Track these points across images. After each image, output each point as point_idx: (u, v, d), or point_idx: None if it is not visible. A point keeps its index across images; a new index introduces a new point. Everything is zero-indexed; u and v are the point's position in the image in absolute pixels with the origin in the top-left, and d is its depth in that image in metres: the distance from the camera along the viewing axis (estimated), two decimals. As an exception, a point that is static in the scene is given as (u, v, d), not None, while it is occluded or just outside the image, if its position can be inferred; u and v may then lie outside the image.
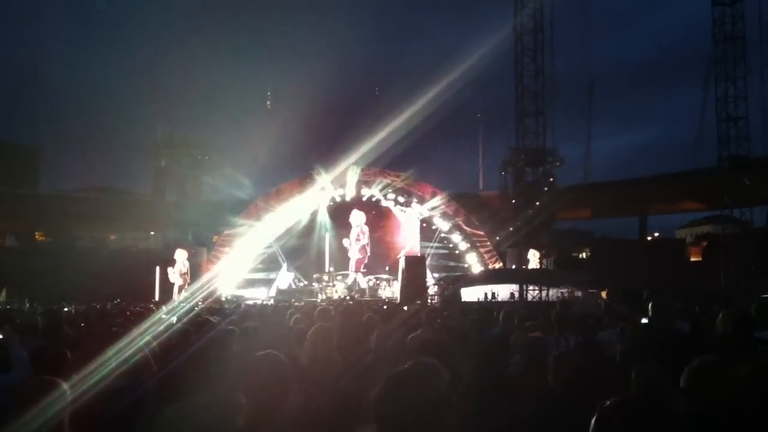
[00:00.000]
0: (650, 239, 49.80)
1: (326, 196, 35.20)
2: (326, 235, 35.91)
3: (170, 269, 32.56)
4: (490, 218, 37.55)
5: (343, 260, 35.64)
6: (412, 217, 37.18)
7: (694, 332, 5.54)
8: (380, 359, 3.94)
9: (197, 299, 22.83)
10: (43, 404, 2.42)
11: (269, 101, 64.55)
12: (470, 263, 36.89)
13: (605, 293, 27.07)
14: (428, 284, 30.09)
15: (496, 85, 40.53)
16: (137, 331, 5.48)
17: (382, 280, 33.71)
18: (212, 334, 4.39)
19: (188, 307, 14.40)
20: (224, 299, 25.46)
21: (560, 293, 27.85)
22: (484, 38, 32.97)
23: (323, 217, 35.83)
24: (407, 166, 36.81)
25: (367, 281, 33.85)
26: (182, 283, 32.84)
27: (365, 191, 35.52)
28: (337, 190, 35.04)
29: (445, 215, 36.64)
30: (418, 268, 29.19)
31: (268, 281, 34.54)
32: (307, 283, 34.52)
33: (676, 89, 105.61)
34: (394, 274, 32.48)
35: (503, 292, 28.94)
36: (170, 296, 30.48)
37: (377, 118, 40.89)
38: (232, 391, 2.62)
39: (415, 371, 1.95)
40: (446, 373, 1.96)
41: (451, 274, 36.07)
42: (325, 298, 30.06)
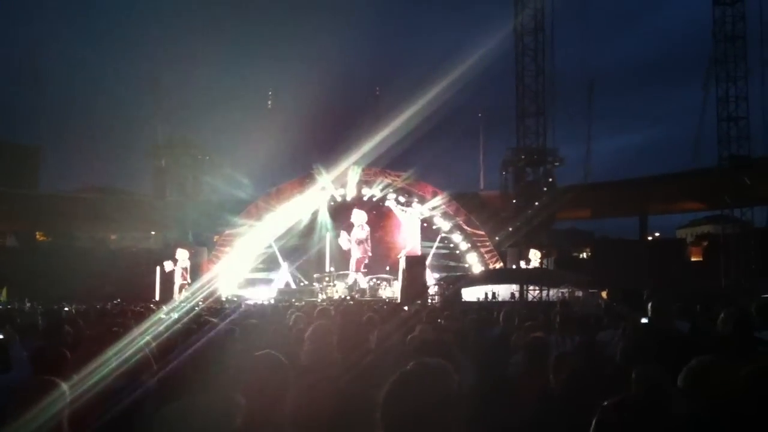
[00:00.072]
0: (651, 239, 49.73)
1: (327, 195, 35.22)
2: (327, 234, 35.92)
3: (169, 262, 32.69)
4: (490, 218, 37.55)
5: (343, 260, 35.64)
6: (412, 217, 37.17)
7: (693, 332, 5.53)
8: (380, 359, 3.94)
9: (198, 299, 22.84)
10: (42, 404, 2.42)
11: (269, 101, 64.62)
12: (471, 263, 36.88)
13: (605, 293, 27.02)
14: (429, 284, 30.08)
15: (496, 85, 40.54)
16: (137, 331, 5.48)
17: (382, 280, 33.71)
18: (212, 334, 4.38)
19: (188, 307, 14.39)
20: (225, 299, 25.45)
21: (560, 293, 27.85)
22: (484, 38, 32.99)
23: (324, 216, 35.83)
24: (408, 165, 36.87)
25: (367, 281, 33.86)
26: (182, 281, 32.92)
27: (366, 191, 35.53)
28: (337, 189, 35.06)
29: (445, 215, 36.63)
30: (418, 268, 29.21)
31: (268, 281, 34.54)
32: (307, 283, 34.52)
33: (676, 89, 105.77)
34: (394, 274, 32.50)
35: (504, 292, 28.95)
36: (171, 296, 30.52)
37: (378, 117, 41.04)
38: (230, 391, 2.62)
39: (423, 372, 1.88)
40: (455, 373, 1.90)
41: (451, 274, 36.06)
42: (325, 298, 30.06)
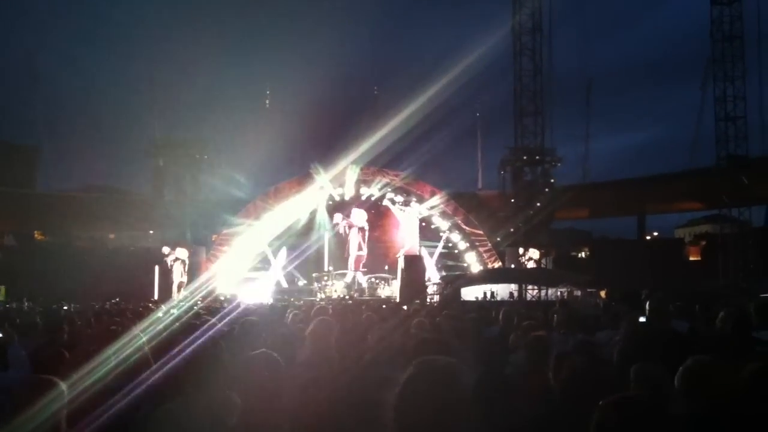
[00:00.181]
0: (649, 239, 49.78)
1: (325, 195, 35.20)
2: (325, 234, 35.91)
3: (170, 258, 32.78)
4: (489, 218, 37.58)
5: (342, 259, 35.63)
6: (411, 216, 37.16)
7: (692, 332, 5.54)
8: (378, 358, 3.93)
9: (196, 298, 22.82)
10: (40, 404, 2.41)
11: (268, 100, 64.58)
12: (469, 262, 36.91)
13: (604, 293, 27.05)
14: (427, 283, 30.10)
15: (494, 84, 40.57)
16: (136, 330, 5.47)
17: (381, 279, 33.70)
18: (210, 333, 4.38)
19: (187, 306, 14.37)
20: (223, 298, 25.42)
21: (559, 293, 27.88)
22: (482, 38, 33.02)
23: (322, 216, 35.81)
24: (406, 165, 36.88)
25: (366, 280, 33.86)
26: (181, 279, 32.96)
27: (364, 190, 35.53)
28: (336, 189, 35.05)
29: (444, 214, 36.65)
30: (417, 267, 29.22)
31: (267, 280, 34.53)
32: (306, 282, 34.51)
33: (674, 89, 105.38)
34: (393, 273, 32.51)
35: (502, 291, 28.97)
36: (169, 295, 30.49)
37: (376, 117, 40.94)
38: (227, 390, 2.62)
39: (437, 370, 1.82)
40: (467, 372, 1.85)
41: (450, 273, 36.08)
42: (324, 297, 30.06)
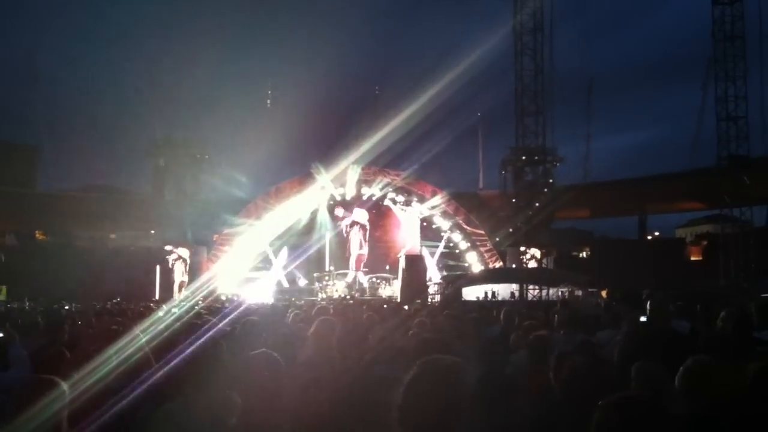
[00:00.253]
0: (650, 239, 49.75)
1: (326, 195, 35.20)
2: (326, 233, 35.91)
3: (171, 258, 32.88)
4: (490, 217, 37.57)
5: (343, 259, 35.63)
6: (412, 216, 37.16)
7: (693, 332, 5.53)
8: (380, 359, 3.93)
9: (197, 298, 22.84)
10: (41, 403, 2.42)
11: (269, 100, 64.55)
12: (470, 262, 36.90)
13: (605, 292, 27.04)
14: (428, 283, 30.08)
15: (496, 84, 40.49)
16: (137, 330, 5.48)
17: (382, 279, 33.70)
18: (211, 333, 4.38)
19: (188, 306, 14.39)
20: (224, 298, 25.43)
21: (560, 293, 27.86)
22: (484, 37, 33.00)
23: (323, 216, 35.81)
24: (407, 165, 36.85)
25: (367, 280, 33.85)
26: (182, 278, 33.02)
27: (365, 190, 35.53)
28: (337, 189, 35.05)
29: (445, 214, 36.64)
30: (418, 267, 29.18)
31: (268, 280, 34.54)
32: (307, 282, 34.52)
33: (675, 89, 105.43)
34: (394, 273, 32.50)
35: (503, 291, 28.95)
36: (170, 295, 30.52)
37: (377, 117, 40.92)
38: (227, 389, 2.62)
39: (442, 369, 1.80)
40: (472, 372, 1.85)
41: (451, 273, 36.08)
42: (325, 296, 30.06)
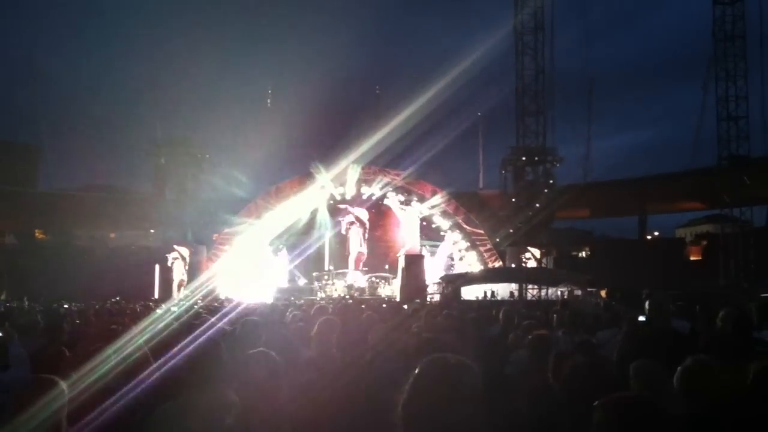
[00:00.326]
0: (650, 238, 49.76)
1: (326, 194, 35.20)
2: (326, 233, 35.91)
3: (170, 257, 32.92)
4: (489, 217, 37.55)
5: (342, 258, 35.63)
6: (412, 215, 37.16)
7: (693, 332, 5.54)
8: (380, 358, 3.94)
9: (196, 297, 22.84)
10: (41, 403, 2.42)
11: (269, 100, 64.49)
12: (470, 262, 36.88)
13: (604, 292, 27.04)
14: (427, 283, 30.09)
15: (496, 84, 40.48)
16: (136, 329, 5.48)
17: (381, 278, 33.69)
18: (210, 333, 4.39)
19: (187, 305, 14.40)
20: (223, 297, 25.44)
21: (560, 292, 27.86)
22: (484, 37, 33.01)
23: (323, 215, 35.81)
24: (407, 164, 36.81)
25: (367, 279, 33.86)
26: (182, 277, 33.03)
27: (365, 190, 35.52)
28: (337, 188, 35.05)
29: (445, 214, 36.62)
30: (417, 266, 29.23)
31: (267, 280, 34.53)
32: (307, 281, 34.52)
33: (676, 89, 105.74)
34: (393, 272, 32.51)
35: (503, 290, 28.95)
36: (170, 294, 30.53)
37: (377, 116, 40.92)
38: (225, 389, 2.62)
39: (448, 367, 1.75)
40: (477, 370, 1.78)
41: (450, 272, 36.06)
42: (324, 296, 30.06)
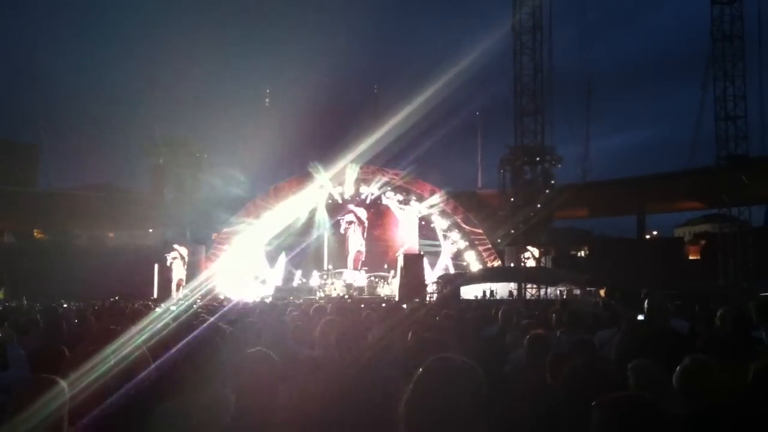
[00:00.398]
0: (648, 238, 49.78)
1: (325, 194, 35.20)
2: (325, 233, 35.91)
3: (169, 256, 32.89)
4: (488, 217, 37.55)
5: (341, 257, 35.64)
6: (410, 215, 37.18)
7: (692, 331, 5.54)
8: (379, 358, 3.93)
9: (195, 297, 22.84)
10: (42, 402, 2.42)
11: (268, 100, 64.52)
12: (469, 261, 36.91)
13: (603, 291, 27.07)
14: (426, 282, 30.11)
15: (495, 83, 40.47)
16: (135, 329, 5.48)
17: (380, 278, 33.71)
18: (209, 332, 4.39)
19: (186, 305, 14.38)
20: (222, 297, 25.45)
21: (558, 291, 27.89)
22: (482, 36, 33.01)
23: (322, 215, 35.82)
24: (406, 164, 36.82)
25: (366, 278, 33.89)
26: (180, 277, 33.05)
27: (364, 189, 35.54)
28: (335, 188, 35.05)
29: (443, 213, 36.64)
30: (416, 266, 29.24)
31: (266, 279, 34.54)
32: (305, 281, 34.53)
33: (674, 88, 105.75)
34: (392, 271, 32.54)
35: (502, 290, 28.98)
36: (169, 294, 30.53)
37: (376, 116, 40.96)
38: (222, 388, 2.62)
39: (453, 369, 1.74)
40: (480, 372, 1.76)
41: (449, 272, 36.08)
42: (323, 295, 30.07)
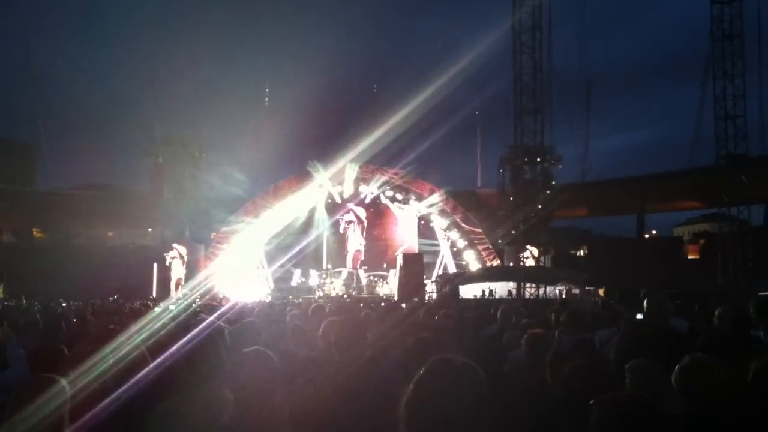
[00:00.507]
0: (648, 237, 49.83)
1: (324, 193, 35.19)
2: (324, 232, 35.91)
3: (169, 255, 32.89)
4: (487, 216, 37.55)
5: (340, 257, 35.65)
6: (410, 214, 37.17)
7: (692, 331, 5.54)
8: (378, 357, 3.93)
9: (194, 296, 22.84)
10: (42, 401, 2.42)
11: (267, 99, 64.42)
12: (468, 260, 36.92)
13: (603, 291, 27.09)
14: (426, 281, 30.14)
15: (494, 82, 40.46)
16: (134, 328, 5.48)
17: (379, 277, 33.73)
18: (208, 331, 4.38)
19: (185, 304, 14.38)
20: (221, 296, 25.45)
21: (557, 291, 27.92)
22: (482, 35, 32.95)
23: (321, 214, 35.82)
24: (405, 163, 36.78)
25: (366, 277, 33.91)
26: (180, 276, 33.04)
27: (363, 188, 35.52)
28: (335, 187, 35.04)
29: (443, 212, 36.63)
30: (415, 265, 29.26)
31: (266, 278, 34.55)
32: (304, 280, 34.55)
33: (674, 88, 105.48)
34: (391, 271, 32.56)
35: (501, 289, 29.00)
36: (168, 293, 30.51)
37: (375, 115, 40.93)
38: (220, 387, 2.62)
39: (453, 370, 1.72)
40: (481, 373, 1.74)
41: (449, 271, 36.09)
42: (323, 295, 30.09)
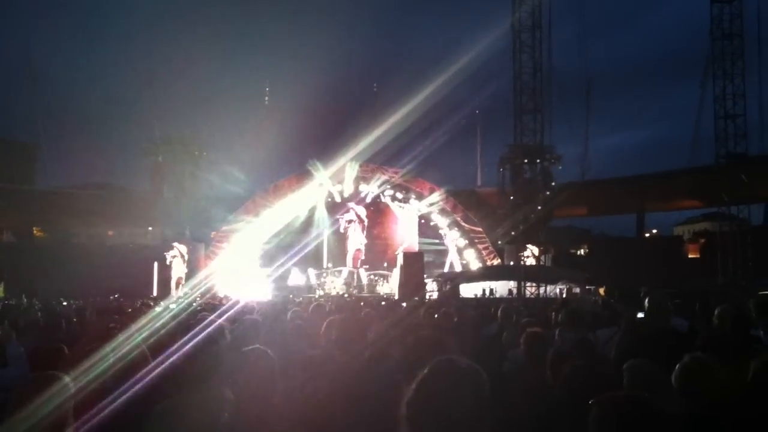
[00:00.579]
0: (648, 236, 49.84)
1: (324, 192, 35.19)
2: (324, 231, 35.90)
3: (169, 254, 32.87)
4: (487, 215, 37.56)
5: (341, 256, 35.64)
6: (410, 213, 37.17)
7: (692, 330, 5.54)
8: (378, 356, 3.93)
9: (195, 295, 22.83)
10: (45, 398, 2.43)
11: (267, 97, 64.42)
12: (468, 260, 36.93)
13: (603, 290, 27.10)
14: (426, 280, 30.13)
15: (494, 81, 40.45)
16: (135, 327, 5.48)
17: (380, 276, 33.72)
18: (208, 331, 4.39)
19: (186, 303, 14.37)
20: (222, 295, 25.46)
21: (558, 290, 27.93)
22: (482, 35, 32.92)
23: (321, 213, 35.81)
24: (405, 162, 36.77)
25: (366, 276, 33.91)
26: (180, 275, 33.03)
27: (363, 187, 35.51)
28: (335, 186, 35.03)
29: (443, 211, 36.64)
30: (416, 264, 29.26)
31: (266, 277, 34.53)
32: (305, 279, 34.55)
33: (674, 87, 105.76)
34: (392, 270, 32.56)
35: (501, 288, 29.01)
36: (168, 292, 30.50)
37: (375, 114, 40.86)
38: (220, 386, 2.62)
39: (456, 371, 1.72)
40: (485, 375, 1.74)
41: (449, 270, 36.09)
42: (323, 294, 30.09)
